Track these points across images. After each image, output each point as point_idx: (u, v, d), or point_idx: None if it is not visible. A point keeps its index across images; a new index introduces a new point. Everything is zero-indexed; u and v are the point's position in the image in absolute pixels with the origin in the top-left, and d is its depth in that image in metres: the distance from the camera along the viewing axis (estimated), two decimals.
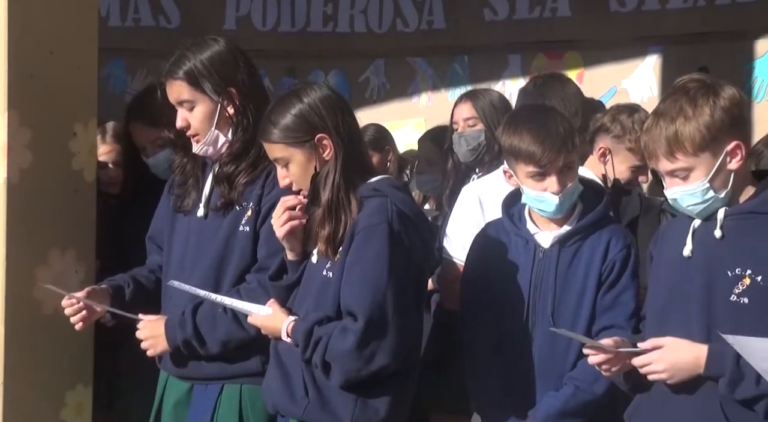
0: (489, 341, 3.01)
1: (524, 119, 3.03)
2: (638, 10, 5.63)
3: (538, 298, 2.97)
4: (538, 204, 2.96)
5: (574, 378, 2.93)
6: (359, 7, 6.39)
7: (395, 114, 6.23)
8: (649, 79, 5.57)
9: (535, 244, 3.00)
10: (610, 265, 2.95)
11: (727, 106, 2.54)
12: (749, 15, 5.31)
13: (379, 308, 2.72)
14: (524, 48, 6.01)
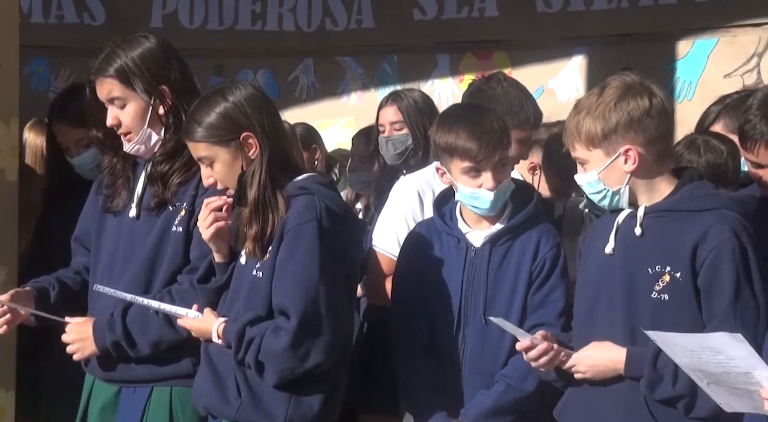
0: (421, 340, 3.02)
1: (459, 116, 3.06)
2: (564, 11, 5.71)
3: (469, 297, 2.99)
4: (472, 201, 2.98)
5: (505, 376, 2.96)
6: (288, 6, 6.36)
7: (325, 113, 6.22)
8: (576, 79, 5.65)
9: (467, 243, 3.02)
10: (541, 263, 2.98)
11: (631, 109, 2.61)
12: (672, 16, 5.42)
13: (312, 306, 2.72)
14: (453, 48, 6.05)
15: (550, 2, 5.74)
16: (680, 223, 2.62)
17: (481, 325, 2.96)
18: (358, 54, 6.28)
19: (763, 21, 5.16)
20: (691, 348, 2.24)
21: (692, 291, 2.58)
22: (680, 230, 2.61)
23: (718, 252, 2.55)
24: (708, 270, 2.57)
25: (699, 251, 2.57)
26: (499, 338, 2.96)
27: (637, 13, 5.52)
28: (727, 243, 2.56)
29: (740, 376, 2.17)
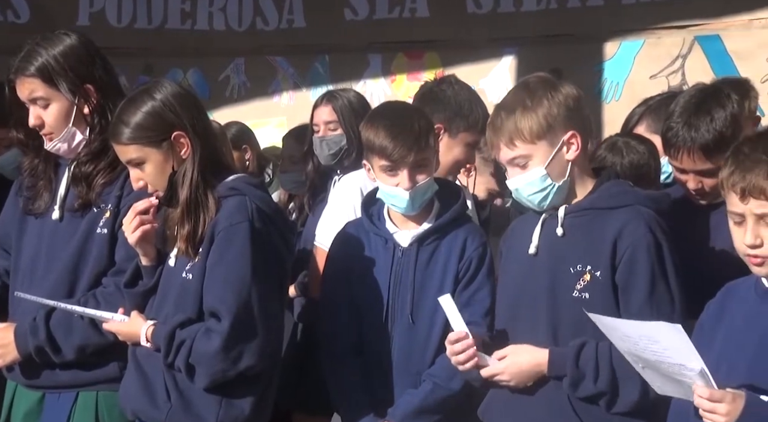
0: (349, 340, 3.03)
1: (383, 114, 3.07)
2: (494, 12, 5.75)
3: (397, 297, 3.00)
4: (391, 199, 3.00)
5: (432, 375, 2.97)
6: (218, 5, 6.31)
7: (257, 113, 6.18)
8: (506, 79, 5.70)
9: (394, 243, 3.03)
10: (467, 263, 3.00)
11: (563, 99, 2.68)
12: (599, 18, 5.50)
13: (244, 308, 2.70)
14: (385, 48, 6.06)
15: (480, 3, 5.78)
16: (599, 221, 2.66)
17: (409, 325, 2.97)
18: (290, 54, 6.25)
19: (687, 23, 5.27)
20: (630, 334, 2.27)
21: (611, 288, 2.63)
22: (599, 228, 2.65)
23: (634, 249, 2.60)
24: (625, 266, 2.61)
25: (617, 248, 2.62)
26: (426, 337, 2.98)
27: (565, 14, 5.59)
28: (643, 240, 2.61)
29: (673, 366, 2.21)
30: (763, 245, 2.21)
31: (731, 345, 2.29)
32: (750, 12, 5.09)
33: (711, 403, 2.13)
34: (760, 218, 2.20)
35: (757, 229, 2.21)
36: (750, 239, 2.21)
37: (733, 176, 2.24)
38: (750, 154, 2.24)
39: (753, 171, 2.20)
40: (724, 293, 2.41)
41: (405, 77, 5.94)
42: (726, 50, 5.14)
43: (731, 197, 2.25)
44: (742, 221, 2.24)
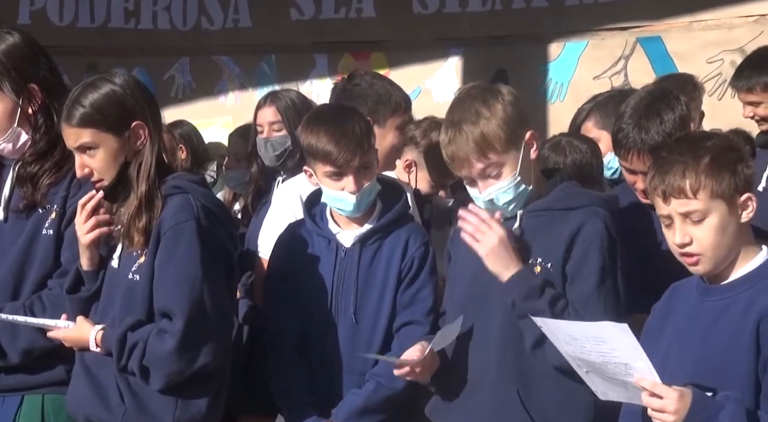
0: (292, 340, 3.02)
1: (322, 118, 3.05)
2: (440, 12, 5.78)
3: (340, 297, 3.00)
4: (336, 203, 2.99)
5: (375, 375, 2.97)
6: (162, 4, 6.25)
7: (203, 113, 6.13)
8: (452, 80, 5.73)
9: (337, 243, 3.03)
10: (409, 262, 3.01)
11: (512, 100, 2.71)
12: (543, 19, 5.55)
13: (197, 307, 2.68)
14: (331, 48, 6.05)
15: (426, 4, 5.80)
16: (556, 220, 2.70)
17: (352, 325, 2.98)
18: (236, 53, 6.22)
19: (630, 25, 5.34)
20: (576, 336, 2.28)
21: (560, 280, 2.66)
22: (558, 228, 2.69)
23: (589, 243, 2.64)
24: (578, 258, 2.65)
25: (575, 243, 2.66)
26: (370, 337, 2.98)
27: (510, 15, 5.63)
28: (598, 235, 2.65)
29: (619, 367, 2.23)
30: (692, 243, 2.25)
31: (676, 344, 2.33)
32: (690, 14, 5.18)
33: (660, 402, 2.15)
34: (685, 216, 2.24)
35: (684, 228, 2.25)
36: (679, 239, 2.25)
37: (654, 179, 2.29)
38: (668, 157, 2.30)
39: (670, 172, 2.25)
40: (669, 294, 2.45)
41: None
42: (667, 51, 5.23)
43: (657, 200, 2.30)
44: (670, 223, 2.28)
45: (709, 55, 5.03)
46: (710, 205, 2.23)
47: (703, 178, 2.22)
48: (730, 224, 2.25)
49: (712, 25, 5.10)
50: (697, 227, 2.25)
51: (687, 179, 2.23)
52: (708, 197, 2.23)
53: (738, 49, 4.80)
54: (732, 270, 2.29)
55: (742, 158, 2.29)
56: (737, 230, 2.26)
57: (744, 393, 2.18)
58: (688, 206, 2.24)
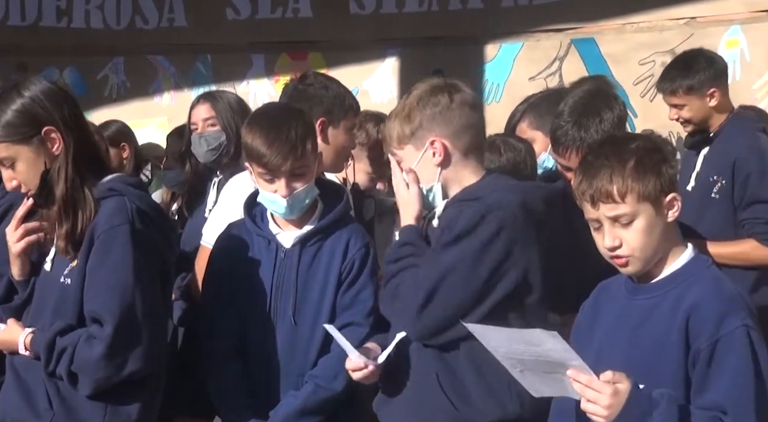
0: (229, 342, 3.00)
1: (261, 118, 3.03)
2: (377, 13, 5.79)
3: (279, 298, 2.99)
4: (270, 205, 2.99)
5: (314, 376, 2.97)
6: (95, 3, 6.16)
7: (137, 113, 6.06)
8: (389, 80, 5.74)
9: (277, 244, 3.02)
10: (350, 263, 3.01)
11: (434, 106, 2.69)
12: (479, 20, 5.59)
13: (127, 313, 2.65)
14: (268, 48, 6.03)
15: (363, 4, 5.81)
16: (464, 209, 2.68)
17: (291, 326, 2.97)
18: (171, 53, 6.16)
19: (564, 27, 5.40)
20: (508, 341, 2.29)
21: None
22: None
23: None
24: None
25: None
26: (309, 338, 2.98)
27: (446, 16, 5.66)
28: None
29: (554, 365, 2.24)
30: (622, 245, 2.28)
31: (606, 343, 2.35)
32: (623, 17, 5.25)
33: (594, 393, 2.16)
34: (614, 220, 2.27)
35: (614, 231, 2.27)
36: (609, 242, 2.28)
37: (581, 184, 2.31)
38: (594, 161, 2.31)
39: (597, 177, 2.27)
40: (598, 292, 2.48)
41: (289, 78, 5.91)
42: (601, 53, 5.30)
43: (585, 205, 2.32)
44: (599, 227, 2.31)
45: (641, 56, 5.11)
46: (638, 208, 2.26)
47: (630, 181, 2.25)
48: (657, 224, 2.28)
49: (644, 28, 5.19)
50: (625, 229, 2.27)
51: (614, 184, 2.26)
52: (635, 200, 2.26)
53: (669, 50, 4.88)
54: (660, 269, 2.32)
55: (665, 159, 2.32)
56: (664, 230, 2.30)
57: (675, 390, 2.21)
58: (616, 210, 2.27)
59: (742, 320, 2.20)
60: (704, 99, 4.14)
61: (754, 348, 2.19)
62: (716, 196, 4.06)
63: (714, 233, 3.94)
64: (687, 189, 4.13)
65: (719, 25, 4.93)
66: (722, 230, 4.03)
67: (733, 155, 4.03)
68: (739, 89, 4.77)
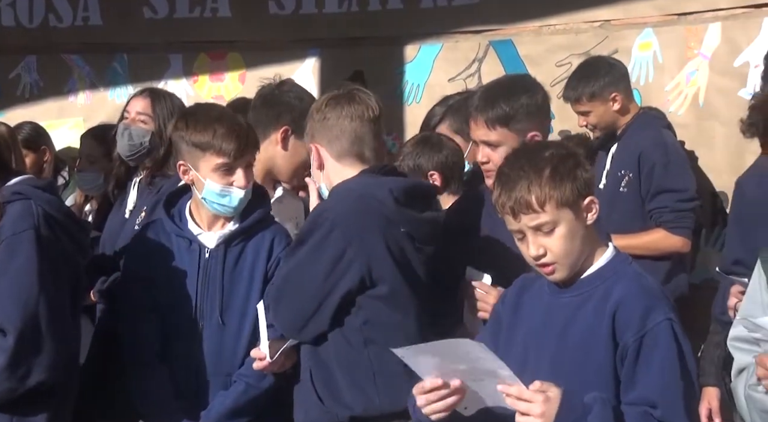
0: (154, 345, 2.98)
1: (214, 114, 3.05)
2: (296, 13, 5.76)
3: (205, 298, 2.97)
4: (220, 199, 2.97)
5: (243, 375, 2.97)
6: (6, 0, 5.99)
7: (52, 113, 5.91)
8: (309, 81, 5.71)
9: (200, 245, 3.00)
10: (275, 263, 3.01)
11: (317, 116, 2.86)
12: (399, 21, 5.61)
13: (31, 322, 2.61)
14: (186, 48, 5.94)
15: (283, 4, 5.78)
16: None
17: (218, 326, 2.96)
18: (86, 52, 6.02)
19: (482, 28, 5.45)
20: (438, 354, 2.28)
21: None
22: None
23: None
24: None
25: None
26: (237, 338, 2.97)
27: (366, 16, 5.66)
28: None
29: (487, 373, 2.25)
30: (547, 254, 2.31)
31: (533, 343, 2.38)
32: (540, 19, 5.32)
33: (526, 405, 2.19)
34: (536, 229, 2.30)
35: (537, 240, 2.30)
36: (534, 251, 2.31)
37: (501, 197, 2.33)
38: (510, 172, 2.34)
39: (515, 188, 2.30)
40: (521, 286, 2.51)
41: (207, 78, 5.85)
42: (518, 55, 5.36)
43: (507, 217, 2.35)
44: (523, 237, 2.34)
45: (557, 58, 5.18)
46: (558, 215, 2.29)
47: (548, 190, 2.28)
48: (578, 229, 2.32)
49: (560, 30, 5.26)
50: (548, 237, 2.30)
51: (532, 194, 2.28)
52: (554, 207, 2.29)
53: (585, 52, 4.96)
54: (583, 268, 2.36)
55: (579, 163, 2.36)
56: (585, 233, 2.34)
57: (604, 387, 2.26)
58: (537, 219, 2.29)
59: (666, 314, 2.25)
60: (608, 104, 4.26)
61: (679, 341, 2.25)
62: (624, 190, 4.18)
63: (624, 226, 4.03)
64: (599, 187, 4.22)
65: (632, 28, 5.02)
66: (632, 222, 4.14)
67: (638, 149, 4.16)
68: (651, 91, 4.88)
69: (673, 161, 4.15)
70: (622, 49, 4.78)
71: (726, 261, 3.00)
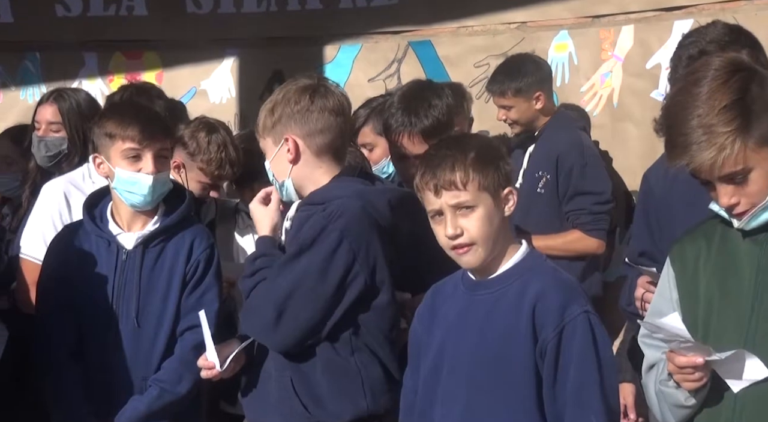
0: (68, 348, 2.92)
1: (126, 105, 3.07)
2: (214, 13, 5.70)
3: (122, 300, 2.93)
4: (129, 187, 2.93)
5: (158, 380, 2.93)
6: None
7: None
8: (228, 80, 5.67)
9: (118, 245, 2.96)
10: (195, 265, 2.99)
11: (295, 105, 2.74)
12: (318, 22, 5.59)
13: None
14: (101, 47, 5.83)
15: (201, 3, 5.71)
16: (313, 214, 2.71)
17: (134, 329, 2.92)
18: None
19: (402, 29, 5.47)
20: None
21: None
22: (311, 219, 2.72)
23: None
24: None
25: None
26: (152, 342, 2.94)
27: (285, 17, 5.63)
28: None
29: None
30: (463, 234, 2.34)
31: (450, 341, 2.40)
32: (457, 20, 5.36)
33: None
34: (456, 208, 2.34)
35: (455, 220, 2.34)
36: (450, 231, 2.34)
37: (425, 175, 2.37)
38: (436, 153, 2.40)
39: (441, 167, 2.35)
40: (432, 296, 2.53)
41: (123, 77, 5.75)
42: (437, 56, 5.40)
43: (427, 195, 2.38)
44: (441, 218, 2.37)
45: (476, 59, 5.23)
46: (478, 197, 2.34)
47: (471, 171, 2.33)
48: (496, 216, 2.36)
49: (479, 31, 5.31)
50: (466, 218, 2.34)
51: (457, 172, 2.33)
52: (476, 188, 2.34)
53: (502, 54, 5.01)
54: (497, 265, 2.39)
55: (502, 156, 2.43)
56: (502, 223, 2.38)
57: (523, 381, 2.29)
58: (459, 197, 2.33)
59: (583, 306, 2.30)
60: (531, 102, 4.32)
61: (595, 333, 2.29)
62: (542, 191, 4.24)
63: (541, 227, 4.09)
64: (516, 186, 4.28)
65: (548, 29, 5.10)
66: (549, 223, 4.20)
67: (555, 151, 4.22)
68: (567, 91, 4.96)
69: (589, 163, 4.22)
70: (539, 51, 4.85)
71: (633, 253, 3.06)
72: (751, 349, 2.09)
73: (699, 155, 2.05)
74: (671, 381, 2.18)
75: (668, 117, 2.13)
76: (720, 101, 2.04)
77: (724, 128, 2.03)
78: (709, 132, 2.04)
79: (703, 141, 2.04)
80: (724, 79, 2.06)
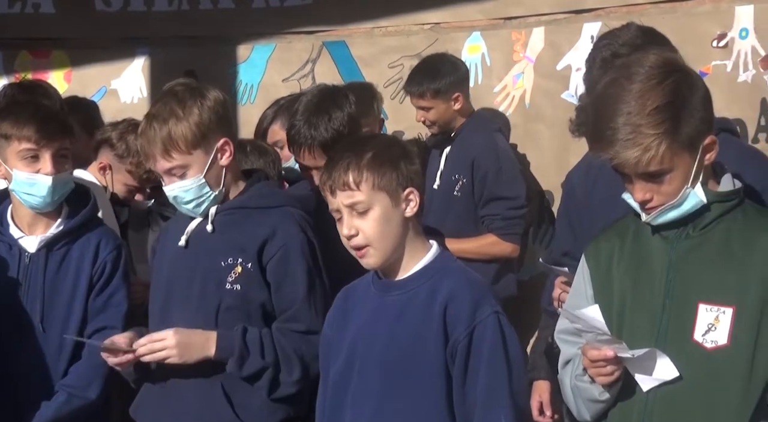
0: None
1: (22, 104, 2.98)
2: (125, 11, 5.60)
3: (26, 305, 2.87)
4: (28, 188, 2.86)
5: (66, 386, 2.88)
6: None
7: None
8: (139, 80, 5.57)
9: (20, 249, 2.90)
10: (101, 266, 2.94)
11: (213, 106, 2.71)
12: (232, 21, 5.54)
13: None
14: (7, 45, 5.68)
15: (110, 1, 5.61)
16: (249, 219, 2.73)
17: (40, 334, 2.86)
18: None
19: (316, 29, 5.46)
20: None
21: (263, 283, 2.70)
22: (249, 225, 2.72)
23: (287, 249, 2.70)
24: (279, 266, 2.70)
25: (267, 247, 2.69)
26: (59, 346, 2.88)
27: (197, 16, 5.57)
28: (296, 239, 2.71)
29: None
30: (359, 234, 2.34)
31: (361, 341, 2.40)
32: (372, 20, 5.37)
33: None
34: (351, 208, 2.34)
35: (351, 221, 2.35)
36: (346, 231, 2.35)
37: (323, 176, 2.40)
38: (335, 156, 2.41)
39: (335, 168, 2.36)
40: (343, 299, 2.53)
41: (30, 76, 5.60)
42: (352, 56, 5.39)
43: (327, 196, 2.39)
44: (340, 218, 2.37)
45: (390, 60, 5.24)
46: (373, 197, 2.34)
47: (365, 171, 2.34)
48: (394, 216, 2.36)
49: (392, 32, 5.33)
50: (362, 219, 2.35)
51: (350, 172, 2.34)
52: (370, 188, 2.34)
53: (416, 54, 5.03)
54: (407, 266, 2.40)
55: (405, 155, 2.42)
56: (402, 224, 2.38)
57: (436, 381, 2.30)
58: (352, 197, 2.34)
59: (493, 307, 2.32)
60: (449, 103, 4.34)
61: (505, 333, 2.31)
62: (458, 194, 4.27)
63: (458, 230, 4.12)
64: (434, 187, 4.30)
65: (461, 31, 5.14)
66: (465, 226, 4.24)
67: (471, 155, 4.26)
68: (480, 92, 5.01)
69: (504, 167, 4.27)
70: (452, 52, 4.88)
71: (555, 253, 3.11)
72: (662, 345, 2.14)
73: (624, 152, 2.08)
74: (586, 375, 2.21)
75: (597, 107, 2.15)
76: (652, 102, 2.07)
77: (652, 129, 2.07)
78: (637, 132, 2.07)
79: (629, 139, 2.07)
80: (658, 80, 2.09)
